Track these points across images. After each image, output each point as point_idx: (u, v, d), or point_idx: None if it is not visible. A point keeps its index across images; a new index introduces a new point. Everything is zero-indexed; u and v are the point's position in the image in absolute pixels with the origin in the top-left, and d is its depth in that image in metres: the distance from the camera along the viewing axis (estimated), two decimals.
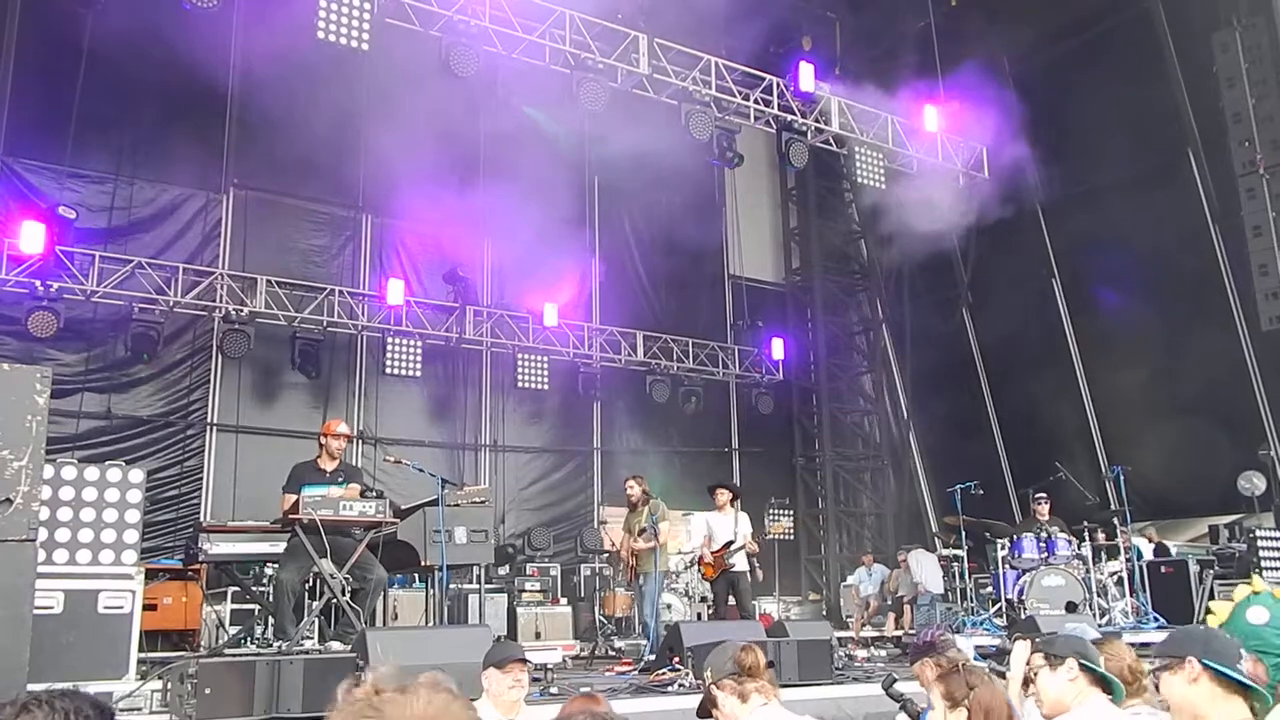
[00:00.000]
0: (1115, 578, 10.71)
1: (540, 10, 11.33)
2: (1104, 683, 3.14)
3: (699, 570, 9.99)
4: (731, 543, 9.19)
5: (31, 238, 10.81)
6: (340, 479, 7.18)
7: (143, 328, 11.90)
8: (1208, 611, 3.31)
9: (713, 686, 3.57)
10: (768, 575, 13.62)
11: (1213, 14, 13.24)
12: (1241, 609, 3.08)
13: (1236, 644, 2.73)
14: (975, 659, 4.55)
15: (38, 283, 11.12)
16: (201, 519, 11.41)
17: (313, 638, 7.05)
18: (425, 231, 14.37)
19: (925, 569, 13.15)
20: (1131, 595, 10.61)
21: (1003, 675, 3.86)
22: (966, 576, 12.11)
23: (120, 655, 5.52)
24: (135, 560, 5.77)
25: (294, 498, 6.87)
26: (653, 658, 7.57)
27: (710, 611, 10.20)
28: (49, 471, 5.30)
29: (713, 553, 9.33)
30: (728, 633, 6.36)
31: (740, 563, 9.25)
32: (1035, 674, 3.33)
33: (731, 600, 9.25)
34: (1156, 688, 2.84)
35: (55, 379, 4.32)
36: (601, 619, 11.40)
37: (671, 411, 16.05)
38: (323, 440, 7.45)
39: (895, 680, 4.31)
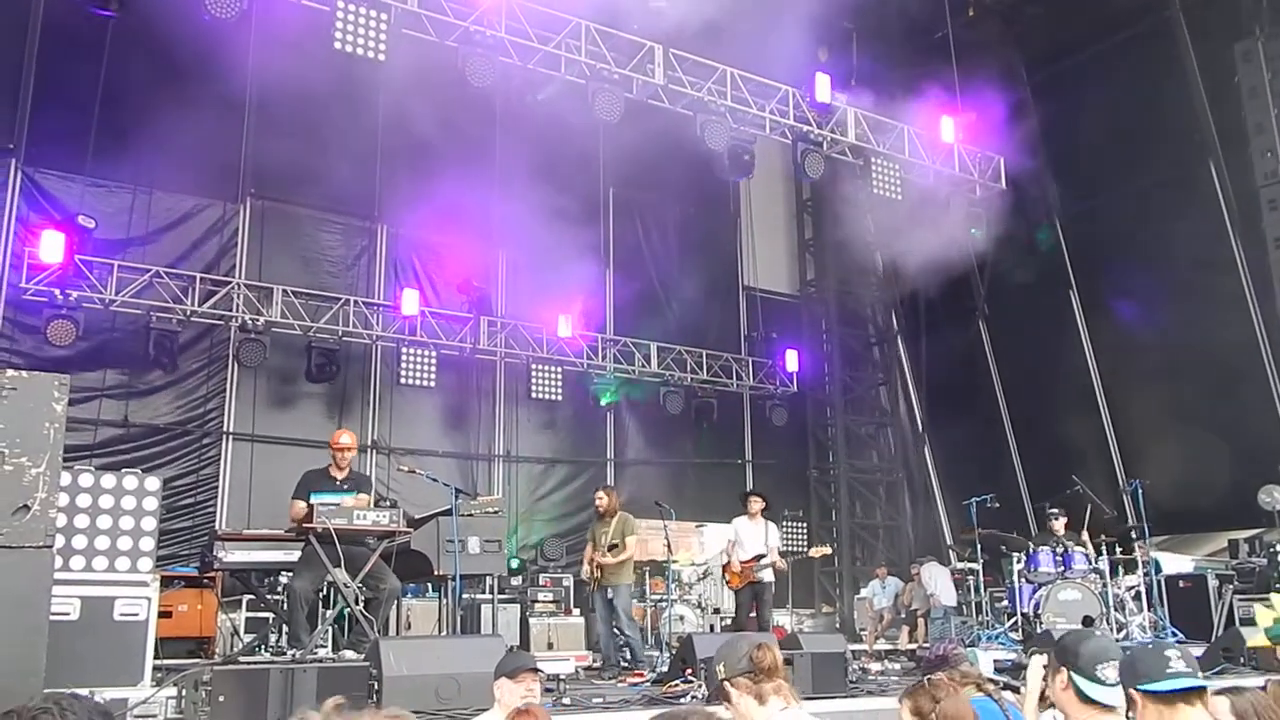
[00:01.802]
0: (1133, 592, 10.59)
1: (556, 21, 11.36)
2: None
3: (724, 578, 9.97)
4: (762, 556, 9.20)
5: (51, 247, 10.94)
6: (349, 487, 7.21)
7: (160, 336, 12.00)
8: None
9: (725, 683, 3.28)
10: (780, 587, 13.50)
11: (1235, 23, 13.12)
12: None
13: (1108, 653, 2.75)
14: (993, 674, 4.49)
15: (57, 291, 11.23)
16: (217, 527, 11.44)
17: (326, 646, 7.05)
18: (440, 242, 14.42)
19: (938, 582, 13.04)
20: (1150, 610, 10.49)
21: (1018, 691, 3.78)
22: (982, 590, 11.99)
23: (135, 662, 5.55)
24: (151, 567, 5.80)
25: (302, 504, 6.92)
26: (667, 670, 7.53)
27: (725, 621, 10.16)
28: (66, 478, 5.34)
29: (742, 562, 9.33)
30: None
31: (767, 574, 9.27)
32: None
33: (753, 613, 9.24)
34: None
35: (73, 387, 4.34)
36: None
37: (685, 423, 16.01)
38: (331, 451, 7.49)
39: None
